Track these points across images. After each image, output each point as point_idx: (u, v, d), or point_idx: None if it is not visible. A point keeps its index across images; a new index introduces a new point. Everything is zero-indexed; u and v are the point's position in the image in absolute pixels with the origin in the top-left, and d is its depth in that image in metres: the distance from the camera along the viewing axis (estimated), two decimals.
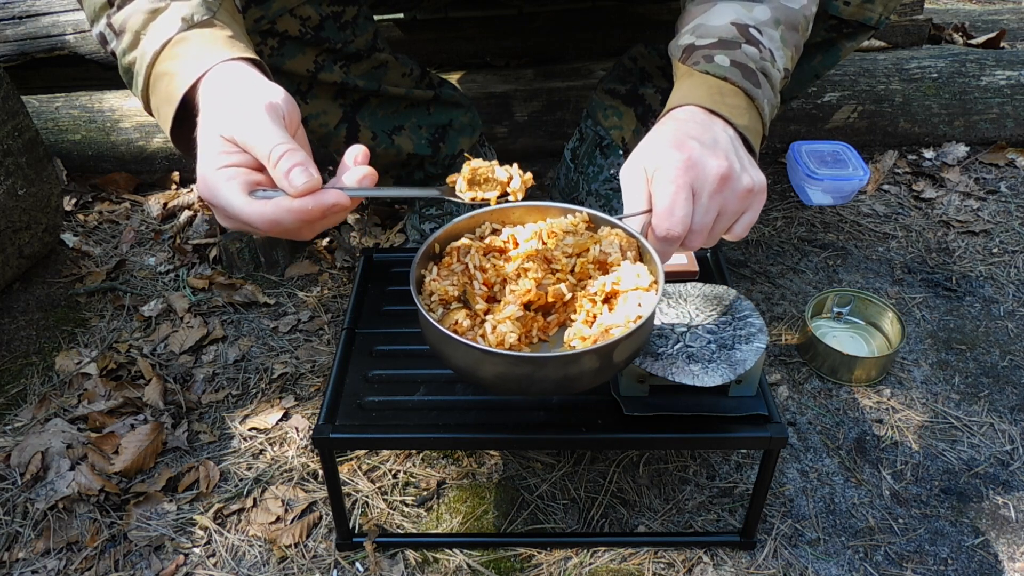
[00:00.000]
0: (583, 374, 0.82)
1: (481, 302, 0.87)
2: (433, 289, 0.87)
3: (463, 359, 0.82)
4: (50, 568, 1.10)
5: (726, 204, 0.87)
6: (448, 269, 0.90)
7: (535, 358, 0.81)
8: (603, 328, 0.83)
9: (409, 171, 1.56)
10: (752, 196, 0.88)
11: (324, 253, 1.65)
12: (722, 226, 0.88)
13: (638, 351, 0.87)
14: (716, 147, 0.87)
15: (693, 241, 0.87)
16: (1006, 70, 1.93)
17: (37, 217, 1.50)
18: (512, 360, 0.80)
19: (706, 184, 0.85)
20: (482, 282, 0.88)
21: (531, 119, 1.87)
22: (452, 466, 1.23)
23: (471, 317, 0.85)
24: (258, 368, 1.41)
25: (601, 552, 1.11)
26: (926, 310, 1.51)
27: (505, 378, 0.82)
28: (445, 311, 0.86)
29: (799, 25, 1.04)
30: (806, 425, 1.29)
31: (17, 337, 1.47)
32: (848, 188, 1.73)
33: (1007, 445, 1.26)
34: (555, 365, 0.81)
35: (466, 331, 0.83)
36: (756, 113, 0.95)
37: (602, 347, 0.79)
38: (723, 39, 0.97)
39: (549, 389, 0.88)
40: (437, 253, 0.92)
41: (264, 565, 1.11)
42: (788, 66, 1.02)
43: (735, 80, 0.94)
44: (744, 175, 0.87)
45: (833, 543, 1.13)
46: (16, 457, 1.22)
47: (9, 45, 1.91)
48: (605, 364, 0.82)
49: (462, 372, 0.85)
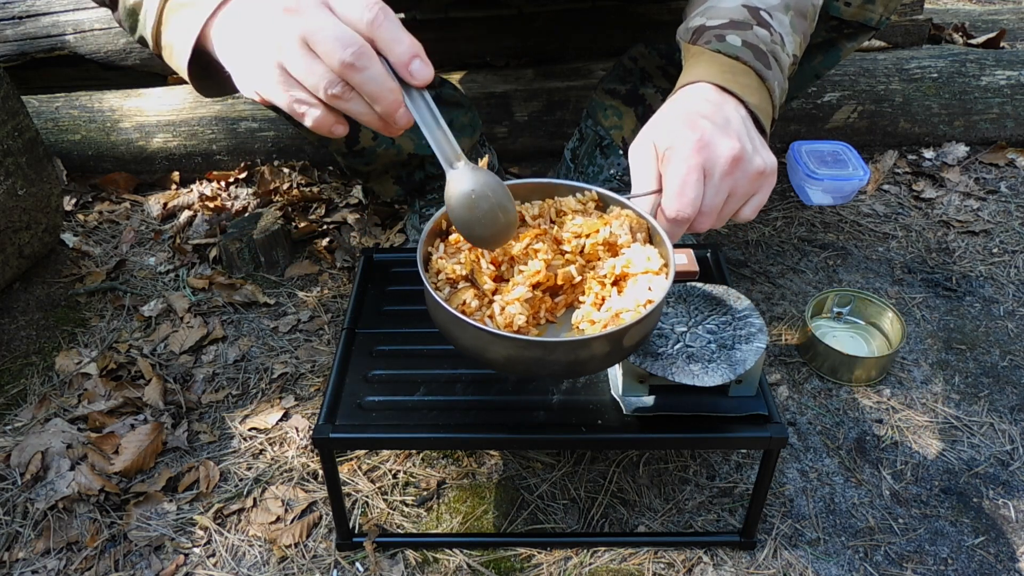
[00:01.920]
0: (593, 358, 0.81)
1: (489, 281, 0.85)
2: (440, 267, 0.86)
3: (472, 341, 0.81)
4: (50, 568, 1.10)
5: (737, 186, 0.86)
6: (455, 247, 0.88)
7: (545, 343, 0.80)
8: (613, 312, 0.82)
9: (409, 171, 1.56)
10: (763, 178, 0.87)
11: (324, 253, 1.65)
12: (732, 208, 0.87)
13: (647, 335, 0.86)
14: (728, 127, 0.86)
15: (702, 223, 0.86)
16: (1006, 70, 1.93)
17: (37, 217, 1.50)
18: (522, 344, 0.79)
19: (718, 165, 0.84)
20: (489, 261, 0.86)
21: (531, 119, 1.87)
22: (452, 466, 1.23)
23: (479, 297, 0.83)
24: (258, 368, 1.41)
25: (601, 552, 1.11)
26: (926, 310, 1.51)
27: (514, 361, 0.81)
28: (452, 290, 0.85)
29: (807, 12, 1.04)
30: (806, 425, 1.29)
31: (17, 337, 1.47)
32: (848, 188, 1.73)
33: (1007, 445, 1.26)
34: (565, 350, 0.80)
35: (474, 311, 0.82)
36: (767, 94, 0.94)
37: (613, 332, 0.78)
38: (734, 20, 0.96)
39: (558, 372, 0.86)
40: (444, 230, 0.90)
41: (264, 565, 1.11)
42: (797, 52, 1.01)
43: (747, 60, 0.93)
44: (756, 157, 0.86)
45: (833, 543, 1.13)
46: (16, 457, 1.22)
47: (9, 45, 1.91)
48: (615, 349, 0.82)
49: (470, 353, 0.84)
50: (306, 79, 0.70)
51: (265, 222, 1.61)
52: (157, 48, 0.85)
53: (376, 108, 0.72)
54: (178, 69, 0.83)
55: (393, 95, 0.71)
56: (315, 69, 0.70)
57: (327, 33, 0.68)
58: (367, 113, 0.72)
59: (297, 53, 0.70)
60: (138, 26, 0.86)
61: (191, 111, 1.85)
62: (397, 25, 0.70)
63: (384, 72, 0.70)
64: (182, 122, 1.85)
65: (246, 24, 0.74)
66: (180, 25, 0.80)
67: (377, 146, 1.47)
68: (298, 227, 1.70)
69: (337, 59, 0.68)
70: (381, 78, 0.70)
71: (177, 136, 1.85)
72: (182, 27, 0.80)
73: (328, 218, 1.74)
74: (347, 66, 0.68)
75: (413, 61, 0.71)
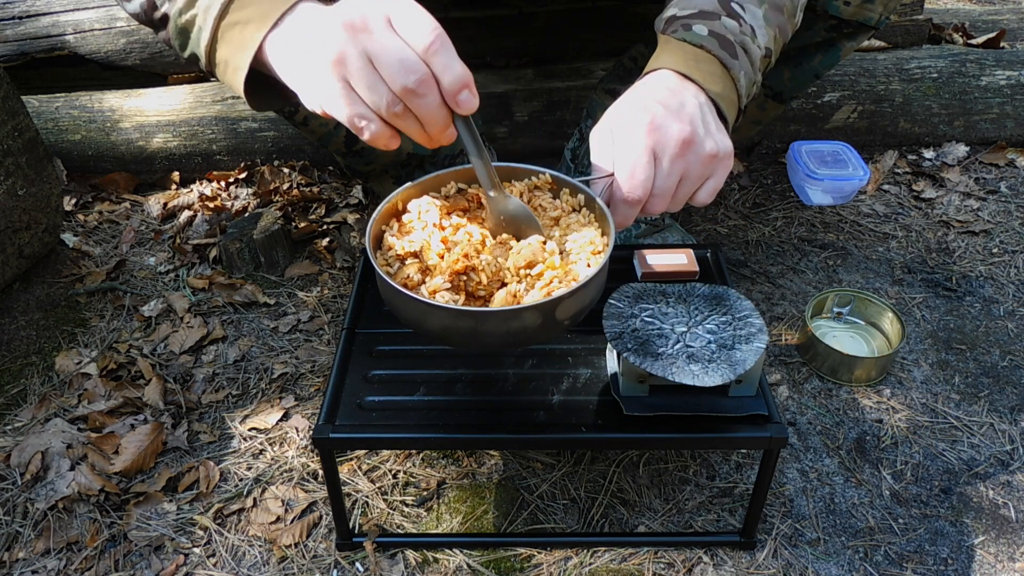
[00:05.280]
0: (526, 329, 0.83)
1: (436, 258, 0.88)
2: (391, 245, 0.89)
3: (411, 312, 0.84)
4: (50, 568, 1.10)
5: (689, 168, 0.87)
6: (409, 226, 0.91)
7: (477, 312, 0.82)
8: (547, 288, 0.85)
9: (409, 171, 1.57)
10: (716, 162, 0.88)
11: (324, 253, 1.65)
12: (685, 191, 0.89)
13: (583, 310, 0.88)
14: (681, 111, 0.87)
15: (656, 205, 0.88)
16: (1006, 70, 1.93)
17: (37, 217, 1.50)
18: (455, 314, 0.82)
19: (667, 148, 0.85)
20: (440, 240, 0.89)
21: (531, 119, 1.87)
22: (452, 466, 1.23)
23: (423, 271, 0.87)
24: (258, 368, 1.41)
25: (601, 552, 1.11)
26: (926, 310, 1.51)
27: (450, 331, 0.84)
28: (401, 266, 0.88)
29: (784, 7, 1.04)
30: (806, 425, 1.29)
31: (17, 337, 1.47)
32: (848, 188, 1.73)
33: (1007, 445, 1.26)
34: (497, 320, 0.82)
35: (416, 286, 0.85)
36: (731, 83, 0.95)
37: (544, 303, 0.81)
38: (704, 10, 0.98)
39: (493, 344, 0.89)
40: (400, 211, 0.94)
41: (264, 565, 1.11)
42: (771, 46, 1.02)
43: (711, 48, 0.94)
44: (708, 140, 0.87)
45: (833, 543, 1.13)
46: (16, 457, 1.22)
47: (9, 45, 1.91)
48: (548, 321, 0.83)
49: (412, 325, 0.87)
50: (369, 97, 0.73)
51: (265, 222, 1.61)
52: (210, 65, 0.86)
53: (427, 130, 0.76)
54: (232, 84, 0.84)
55: (444, 121, 0.75)
56: (378, 88, 0.73)
57: (391, 56, 0.71)
58: (419, 132, 0.76)
59: (362, 71, 0.72)
60: (189, 44, 0.87)
61: (191, 111, 1.85)
62: (452, 53, 0.73)
63: (439, 101, 0.74)
64: (182, 122, 1.85)
65: (308, 39, 0.76)
66: (236, 42, 0.82)
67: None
68: (298, 227, 1.70)
69: (400, 83, 0.71)
70: (436, 106, 0.74)
71: (177, 136, 1.85)
72: (238, 44, 0.81)
73: (328, 218, 1.74)
74: (408, 91, 0.72)
75: (463, 91, 0.74)
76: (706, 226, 1.72)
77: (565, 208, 0.94)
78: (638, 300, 1.04)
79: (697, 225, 1.71)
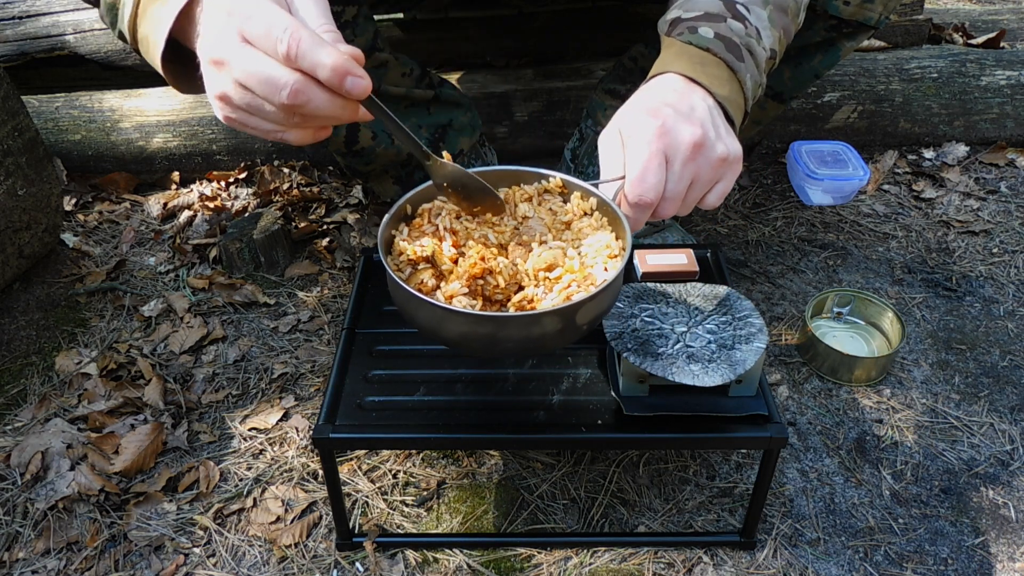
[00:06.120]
0: (545, 335, 0.82)
1: (448, 263, 0.87)
2: (402, 249, 0.88)
3: (427, 318, 0.83)
4: (50, 568, 1.10)
5: (699, 172, 0.86)
6: (419, 230, 0.90)
7: (497, 317, 0.81)
8: (566, 292, 0.84)
9: (409, 171, 1.57)
10: (726, 165, 0.88)
11: (324, 253, 1.65)
12: (695, 195, 0.88)
13: (602, 315, 0.88)
14: (692, 115, 0.87)
15: (666, 208, 0.87)
16: (1006, 70, 1.93)
17: (37, 217, 1.50)
18: (474, 319, 0.80)
19: (679, 151, 0.85)
20: (451, 244, 0.88)
21: (531, 119, 1.87)
22: (452, 466, 1.23)
23: (437, 277, 0.86)
24: (258, 368, 1.41)
25: (601, 552, 1.11)
26: (926, 310, 1.51)
27: (468, 337, 0.83)
28: (413, 271, 0.87)
29: (788, 8, 1.04)
30: (806, 425, 1.29)
31: (17, 337, 1.47)
32: (848, 188, 1.73)
33: (1007, 445, 1.26)
34: (517, 325, 0.81)
35: (431, 291, 0.84)
36: (738, 86, 0.95)
37: (564, 308, 0.80)
38: (709, 12, 0.97)
39: (513, 349, 0.88)
40: (409, 214, 0.93)
41: (264, 565, 1.11)
42: (775, 47, 1.02)
43: (717, 51, 0.94)
44: (719, 143, 0.87)
45: (833, 543, 1.13)
46: (16, 457, 1.22)
47: (9, 45, 1.91)
48: (568, 326, 0.83)
49: (427, 331, 0.85)
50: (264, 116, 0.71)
51: (265, 222, 1.61)
52: (135, 42, 0.84)
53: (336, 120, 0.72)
54: (153, 62, 0.81)
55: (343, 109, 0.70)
56: (265, 109, 0.70)
57: (256, 80, 0.68)
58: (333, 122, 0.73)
59: (243, 99, 0.70)
60: (117, 20, 0.86)
61: (191, 111, 1.85)
62: (316, 47, 0.66)
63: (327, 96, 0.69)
64: (182, 122, 1.85)
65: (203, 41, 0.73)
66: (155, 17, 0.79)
67: (376, 146, 1.47)
68: (298, 227, 1.70)
69: (277, 101, 0.68)
70: (325, 102, 0.69)
71: (177, 136, 1.85)
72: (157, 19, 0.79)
73: (328, 218, 1.74)
74: (287, 105, 0.68)
75: (345, 80, 0.68)
76: (706, 226, 1.72)
77: (576, 212, 0.93)
78: (638, 300, 1.04)
79: (697, 225, 1.71)
